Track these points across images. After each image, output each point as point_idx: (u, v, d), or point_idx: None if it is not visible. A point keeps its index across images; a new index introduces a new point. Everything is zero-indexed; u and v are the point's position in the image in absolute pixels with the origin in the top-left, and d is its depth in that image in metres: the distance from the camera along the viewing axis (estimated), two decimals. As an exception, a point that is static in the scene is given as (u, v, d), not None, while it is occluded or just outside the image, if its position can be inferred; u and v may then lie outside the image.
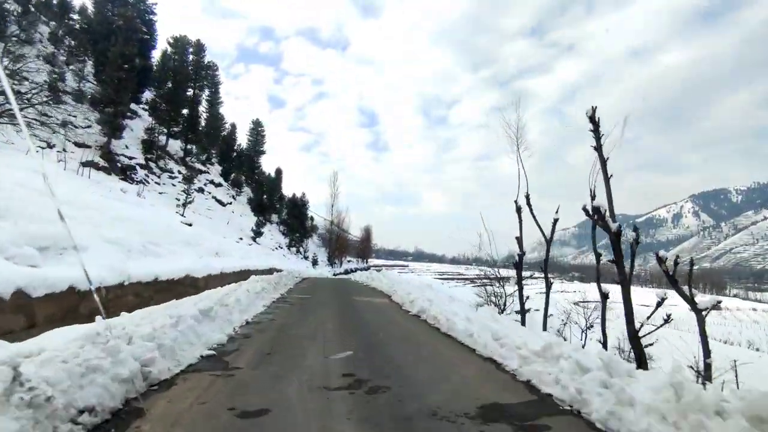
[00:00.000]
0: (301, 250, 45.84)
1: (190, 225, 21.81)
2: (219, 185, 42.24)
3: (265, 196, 50.88)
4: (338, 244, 47.42)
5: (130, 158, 29.14)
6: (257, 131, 65.97)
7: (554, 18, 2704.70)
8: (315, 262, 43.90)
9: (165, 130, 35.91)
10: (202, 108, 51.60)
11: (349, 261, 65.02)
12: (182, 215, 25.49)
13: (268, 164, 79.98)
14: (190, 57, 39.73)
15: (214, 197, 36.90)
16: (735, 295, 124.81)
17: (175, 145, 39.12)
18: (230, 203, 39.37)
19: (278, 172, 67.95)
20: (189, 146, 39.99)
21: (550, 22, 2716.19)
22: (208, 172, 42.72)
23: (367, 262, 77.99)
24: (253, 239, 33.81)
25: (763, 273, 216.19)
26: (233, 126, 62.00)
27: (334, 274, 41.64)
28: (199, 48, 40.42)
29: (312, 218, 75.90)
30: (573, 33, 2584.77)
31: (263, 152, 66.62)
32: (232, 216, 36.34)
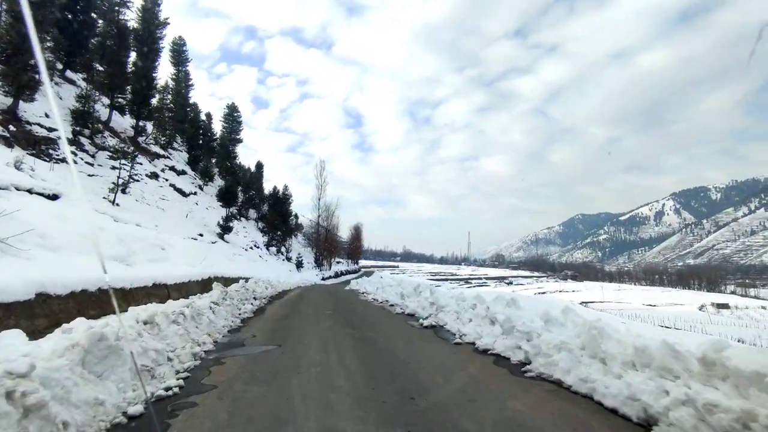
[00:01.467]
0: (283, 250, 38.72)
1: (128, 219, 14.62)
2: (182, 173, 34.83)
3: (240, 188, 43.58)
4: (327, 243, 40.60)
5: (50, 129, 21.78)
6: (232, 117, 58.58)
7: (537, 19, 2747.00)
8: (299, 265, 36.90)
9: (108, 102, 28.45)
10: (166, 84, 44.32)
11: (338, 262, 58.07)
12: (113, 202, 18.32)
13: (248, 159, 71.63)
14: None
15: (172, 185, 29.56)
16: (732, 292, 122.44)
17: (125, 123, 31.67)
18: (194, 194, 32.03)
19: (259, 166, 60.99)
20: (144, 124, 32.59)
21: (533, 24, 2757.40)
22: (170, 158, 35.28)
23: (357, 263, 71.15)
24: (221, 236, 26.66)
25: (748, 268, 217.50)
26: (209, 116, 54.86)
27: (324, 279, 34.75)
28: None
29: (296, 216, 68.88)
30: (555, 34, 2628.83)
31: (239, 140, 59.37)
32: (195, 208, 29.10)
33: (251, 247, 30.92)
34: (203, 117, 50.60)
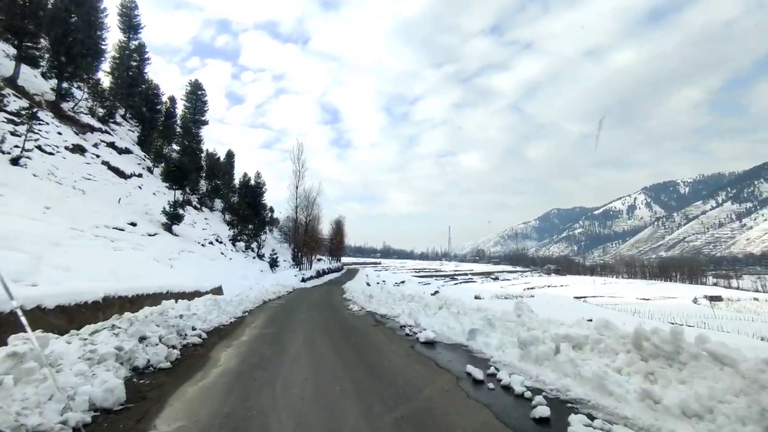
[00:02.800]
0: (255, 246, 32.32)
1: None
2: (126, 152, 27.95)
3: (203, 174, 36.79)
4: (307, 238, 34.45)
5: None
6: (196, 95, 51.35)
7: (513, 16, 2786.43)
8: (274, 263, 30.59)
9: (14, 52, 21.45)
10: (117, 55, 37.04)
11: (319, 260, 51.83)
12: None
13: (222, 152, 64.18)
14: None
15: (106, 163, 22.81)
16: (715, 284, 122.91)
17: (44, 86, 24.67)
18: (138, 176, 25.30)
19: (230, 155, 54.10)
20: (70, 87, 25.59)
21: (510, 21, 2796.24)
22: (110, 133, 28.32)
23: (339, 260, 65.05)
24: (167, 227, 20.20)
25: (720, 259, 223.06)
26: (172, 99, 47.70)
27: (304, 280, 28.63)
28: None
29: (272, 209, 62.18)
30: (531, 31, 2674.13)
31: (204, 122, 52.23)
32: (136, 193, 22.50)
33: (211, 242, 24.50)
34: (165, 99, 43.37)
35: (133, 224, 16.47)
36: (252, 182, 46.15)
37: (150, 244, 15.52)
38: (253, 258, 29.50)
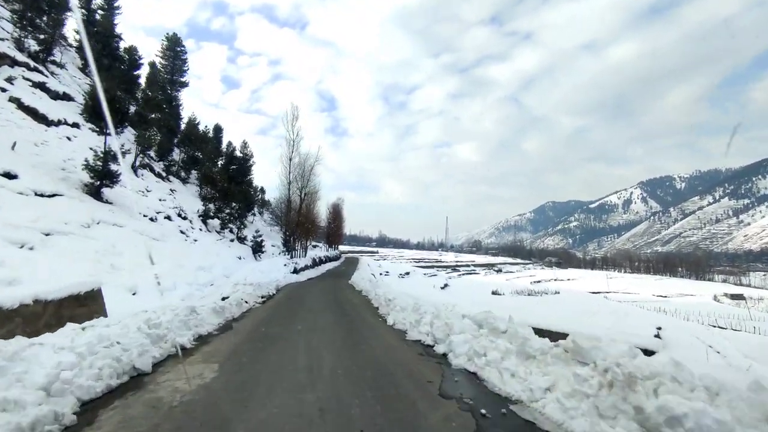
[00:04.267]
0: (234, 227, 25.68)
1: None
2: (63, 98, 21.05)
3: (176, 141, 29.88)
4: (301, 218, 27.61)
5: None
6: (174, 52, 43.98)
7: (513, 7, 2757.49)
8: (258, 248, 23.98)
9: None
10: None
11: (314, 246, 45.33)
12: None
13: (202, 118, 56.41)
14: None
15: (17, 101, 15.99)
16: (725, 280, 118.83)
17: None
18: (72, 125, 18.45)
19: (217, 130, 47.13)
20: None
21: (509, 11, 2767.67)
22: (42, 72, 21.38)
23: (337, 248, 58.58)
24: (92, 190, 13.47)
25: (719, 256, 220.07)
26: (153, 65, 40.84)
27: (296, 271, 22.09)
28: None
29: (263, 190, 55.45)
30: (530, 22, 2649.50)
31: (184, 84, 45.01)
32: (61, 144, 15.74)
33: (168, 217, 17.86)
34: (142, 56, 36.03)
35: (9, 175, 9.78)
36: (237, 153, 39.24)
37: (30, 207, 8.90)
38: (231, 241, 22.90)
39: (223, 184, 27.17)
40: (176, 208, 19.49)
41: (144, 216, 15.43)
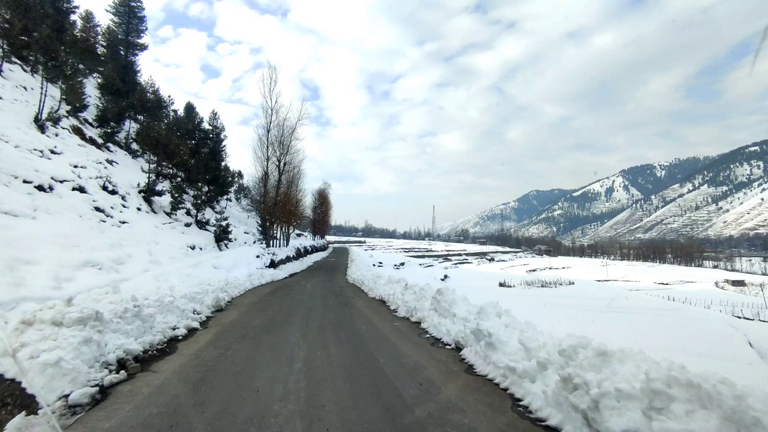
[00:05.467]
0: (194, 211, 19.98)
1: None
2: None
3: (133, 113, 23.74)
4: (281, 197, 21.88)
5: None
6: (129, 8, 37.27)
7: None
8: (223, 235, 18.37)
9: None
10: None
11: (299, 235, 39.78)
12: None
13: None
14: None
15: None
16: (715, 266, 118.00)
17: None
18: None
19: (189, 108, 40.57)
20: None
21: None
22: None
23: (323, 237, 53.08)
24: None
25: (703, 242, 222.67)
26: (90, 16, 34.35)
27: (274, 264, 16.64)
28: None
29: (240, 174, 49.53)
30: (514, 10, 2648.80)
31: (141, 46, 38.41)
32: None
33: (82, 188, 12.16)
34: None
35: None
36: (206, 125, 33.26)
37: None
38: (187, 226, 17.27)
39: (171, 147, 21.32)
40: (100, 179, 13.80)
41: (26, 182, 9.81)
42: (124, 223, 12.29)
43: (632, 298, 29.48)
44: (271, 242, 22.85)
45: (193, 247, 14.26)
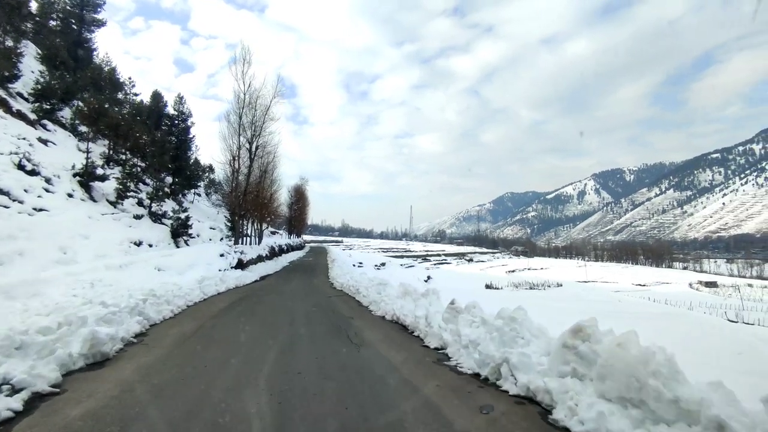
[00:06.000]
0: (161, 206, 17.04)
1: None
2: None
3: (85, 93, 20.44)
4: (254, 190, 19.11)
5: None
6: (82, -22, 33.49)
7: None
8: (182, 230, 15.55)
9: None
10: None
11: (273, 233, 36.89)
12: None
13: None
14: None
15: None
16: (685, 267, 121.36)
17: None
18: None
19: (156, 97, 36.90)
20: None
21: (472, 2, 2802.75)
22: None
23: (300, 236, 50.14)
24: None
25: (671, 244, 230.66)
26: None
27: (242, 265, 13.99)
28: None
29: (211, 168, 46.01)
30: (492, 15, 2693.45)
31: (99, 22, 34.62)
32: None
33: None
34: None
35: None
36: (170, 110, 30.02)
37: None
38: (136, 218, 14.36)
39: (138, 139, 18.33)
40: (16, 155, 10.87)
41: None
42: (41, 210, 9.48)
43: (625, 302, 28.26)
44: (241, 240, 20.11)
45: (139, 243, 11.52)
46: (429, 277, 46.30)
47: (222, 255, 12.46)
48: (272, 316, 7.61)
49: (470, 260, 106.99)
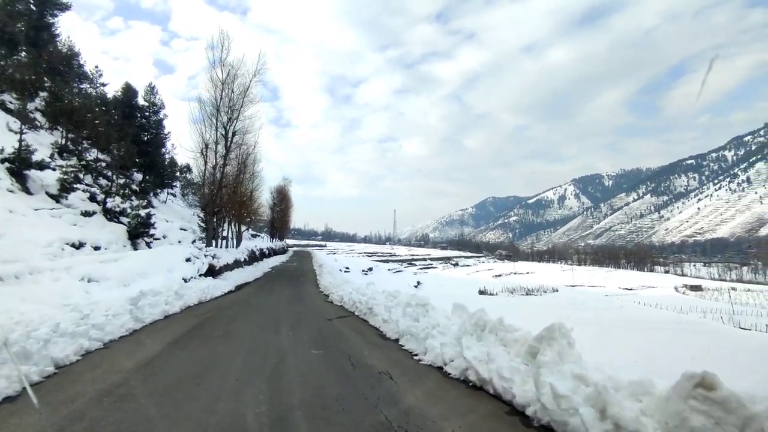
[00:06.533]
0: (117, 202, 14.52)
1: None
2: None
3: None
4: (231, 184, 16.72)
5: None
6: (43, -45, 30.52)
7: (458, 5, 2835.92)
8: (140, 231, 13.19)
9: None
10: None
11: (254, 236, 34.36)
12: None
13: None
14: None
15: None
16: (666, 271, 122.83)
17: None
18: None
19: (129, 91, 33.95)
20: None
21: (455, 9, 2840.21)
22: None
23: (283, 240, 47.55)
24: None
25: (650, 248, 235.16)
26: None
27: (212, 272, 11.69)
28: None
29: (188, 168, 43.21)
30: (474, 22, 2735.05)
31: (63, 6, 31.68)
32: None
33: None
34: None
35: None
36: (141, 101, 27.38)
37: None
38: (85, 215, 11.88)
39: (97, 128, 15.80)
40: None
41: None
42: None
43: (627, 308, 26.80)
44: (216, 242, 17.72)
45: (79, 245, 9.17)
46: (419, 282, 44.34)
47: (189, 260, 10.19)
48: (239, 380, 4.31)
49: (456, 264, 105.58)
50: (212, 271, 11.14)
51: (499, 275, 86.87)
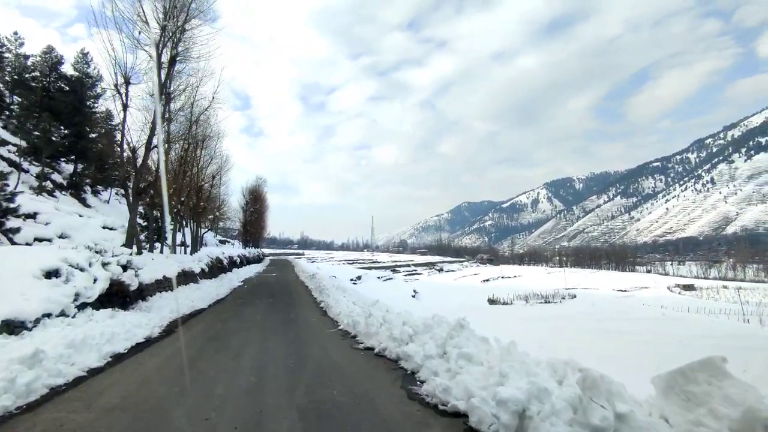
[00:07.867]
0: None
1: None
2: None
3: None
4: (181, 158, 11.41)
5: None
6: None
7: (429, 14, 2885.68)
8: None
9: None
10: None
11: (222, 242, 28.30)
12: None
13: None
14: None
15: None
16: (649, 271, 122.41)
17: None
18: None
19: (49, 54, 27.31)
20: None
21: (426, 18, 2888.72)
22: None
23: (258, 247, 41.26)
24: None
25: (624, 247, 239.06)
26: None
27: (120, 302, 6.13)
28: None
29: (134, 150, 36.12)
30: (445, 30, 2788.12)
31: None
32: None
33: None
34: None
35: None
36: (69, 71, 21.18)
37: None
38: None
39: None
40: None
41: None
42: None
43: (669, 317, 22.48)
44: (163, 247, 11.98)
45: None
46: (415, 291, 39.26)
47: (55, 274, 4.74)
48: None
49: (440, 270, 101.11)
50: (122, 294, 5.73)
51: (487, 280, 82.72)
